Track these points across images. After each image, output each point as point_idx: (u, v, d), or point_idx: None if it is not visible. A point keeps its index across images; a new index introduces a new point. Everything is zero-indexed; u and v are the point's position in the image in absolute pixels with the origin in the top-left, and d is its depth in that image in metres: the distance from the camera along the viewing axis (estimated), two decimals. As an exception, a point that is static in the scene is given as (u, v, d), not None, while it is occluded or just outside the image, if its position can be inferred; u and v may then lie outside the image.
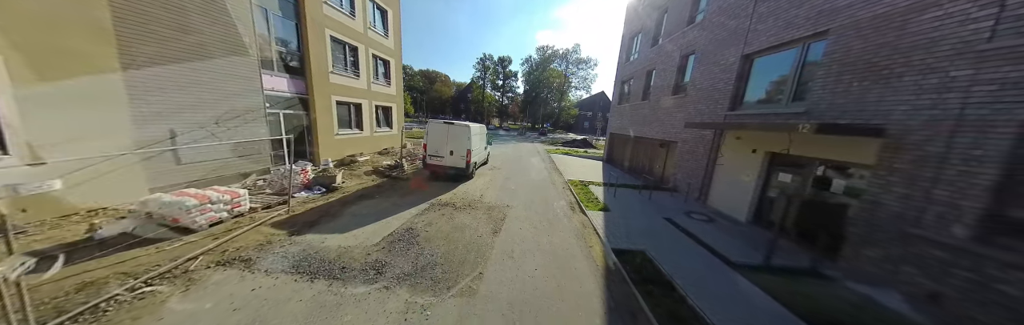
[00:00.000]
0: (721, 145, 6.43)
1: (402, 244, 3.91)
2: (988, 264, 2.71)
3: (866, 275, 3.52)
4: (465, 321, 2.56)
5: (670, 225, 5.25)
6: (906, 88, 3.40)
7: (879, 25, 3.72)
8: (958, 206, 2.93)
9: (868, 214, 3.58)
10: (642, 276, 3.39)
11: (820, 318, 2.80)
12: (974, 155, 2.88)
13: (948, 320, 2.81)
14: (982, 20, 2.91)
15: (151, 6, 4.72)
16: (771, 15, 5.38)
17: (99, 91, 4.27)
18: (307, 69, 8.10)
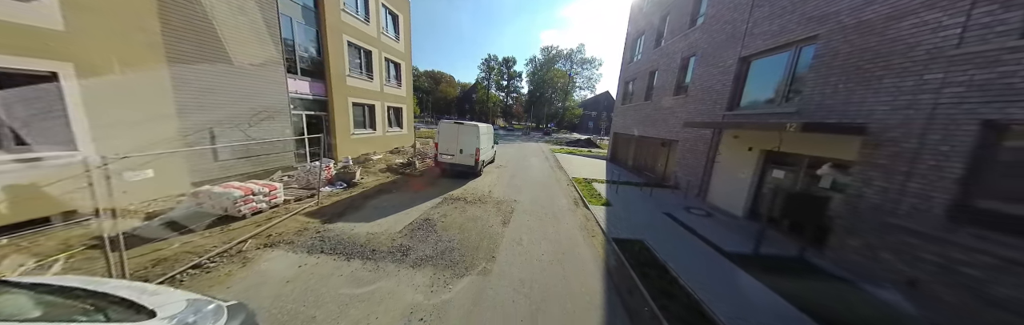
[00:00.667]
0: (719, 144, 6.71)
1: (422, 232, 4.33)
2: (954, 249, 2.99)
3: (847, 260, 3.81)
4: (482, 294, 2.96)
5: (669, 219, 5.58)
6: (886, 89, 3.69)
7: (863, 31, 4.00)
8: (929, 197, 3.22)
9: (851, 206, 3.87)
10: (639, 261, 3.74)
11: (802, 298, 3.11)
12: (942, 151, 3.17)
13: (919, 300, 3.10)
14: (951, 28, 3.19)
15: (193, 18, 5.24)
16: (766, 20, 5.67)
17: (152, 94, 4.79)
18: (326, 72, 8.62)
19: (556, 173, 10.31)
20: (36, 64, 3.74)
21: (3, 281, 1.30)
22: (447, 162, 8.17)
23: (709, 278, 3.42)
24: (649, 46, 11.52)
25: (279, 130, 7.03)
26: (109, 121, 4.27)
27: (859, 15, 4.06)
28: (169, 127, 5.03)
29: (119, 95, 4.39)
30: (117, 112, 4.37)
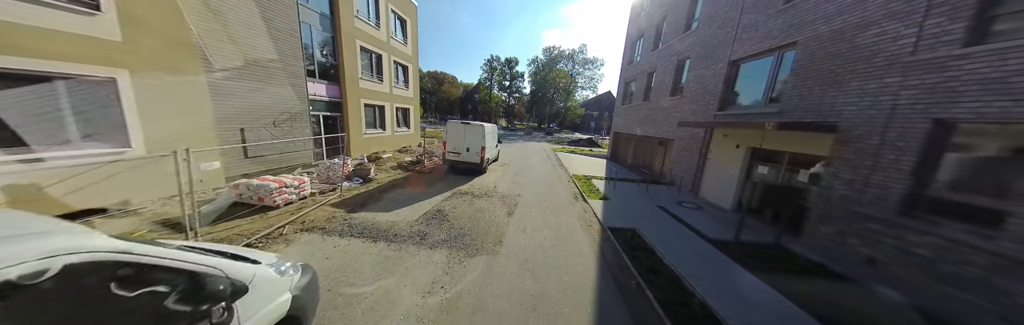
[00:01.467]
0: (710, 142, 7.12)
1: (436, 221, 4.80)
2: (909, 233, 3.40)
3: (818, 244, 4.22)
4: (492, 269, 3.42)
5: (662, 211, 6.00)
6: (853, 91, 4.10)
7: (835, 38, 4.41)
8: (888, 187, 3.63)
9: (824, 197, 4.28)
10: (630, 246, 4.18)
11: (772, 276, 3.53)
12: (899, 146, 3.57)
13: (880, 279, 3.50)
14: (907, 37, 3.60)
15: (227, 28, 5.77)
16: (752, 26, 6.07)
17: (191, 98, 5.31)
18: (341, 76, 9.14)
19: (557, 171, 10.75)
20: (99, 71, 4.27)
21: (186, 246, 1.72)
22: (455, 160, 8.65)
23: (691, 259, 3.86)
24: (648, 48, 11.92)
25: (300, 130, 7.55)
26: (156, 122, 4.80)
27: (831, 24, 4.47)
28: (206, 127, 5.56)
29: (164, 98, 4.92)
30: (162, 114, 4.89)
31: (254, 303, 1.58)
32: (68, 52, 3.96)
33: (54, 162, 3.89)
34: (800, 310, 2.91)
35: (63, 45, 3.91)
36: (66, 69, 3.97)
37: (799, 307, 2.95)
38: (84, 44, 4.08)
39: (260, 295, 1.64)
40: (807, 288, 3.31)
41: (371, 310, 2.62)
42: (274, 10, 6.70)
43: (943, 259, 3.12)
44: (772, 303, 3.03)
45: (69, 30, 3.96)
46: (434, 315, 2.61)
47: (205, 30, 5.41)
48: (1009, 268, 2.71)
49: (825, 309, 2.91)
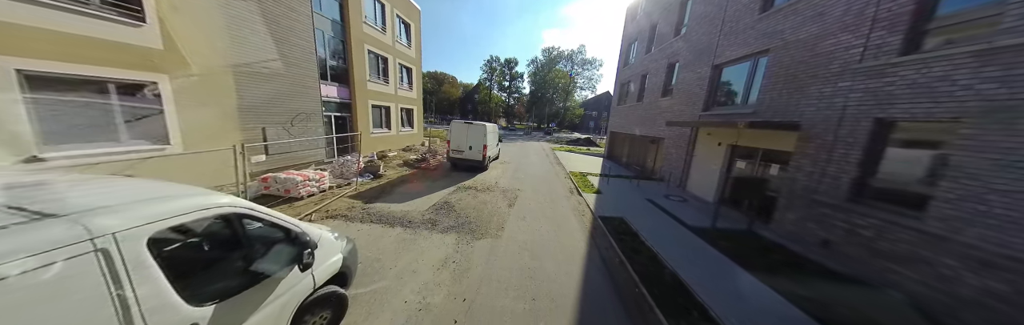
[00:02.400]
0: (696, 140, 7.66)
1: (444, 211, 5.33)
2: (855, 216, 3.93)
3: (786, 231, 4.76)
4: (496, 250, 3.94)
5: (650, 203, 6.53)
6: (813, 94, 4.63)
7: (800, 47, 4.95)
8: (839, 178, 4.16)
9: (789, 188, 4.82)
10: (617, 231, 4.71)
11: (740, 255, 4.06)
12: (849, 142, 4.11)
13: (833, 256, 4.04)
14: (856, 47, 4.14)
15: (253, 35, 6.29)
16: (732, 34, 6.61)
17: (220, 100, 5.83)
18: (350, 78, 9.67)
19: (555, 168, 11.29)
20: (145, 76, 4.79)
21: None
22: (458, 157, 9.18)
23: (670, 242, 4.39)
24: (641, 51, 12.47)
25: (313, 129, 8.08)
26: (191, 121, 5.32)
27: (797, 34, 5.01)
28: (233, 126, 6.08)
29: (197, 100, 5.44)
30: (196, 114, 5.41)
31: (321, 256, 2.11)
32: (120, 59, 4.48)
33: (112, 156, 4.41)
34: (754, 278, 3.44)
35: (116, 53, 4.44)
36: (119, 75, 4.50)
37: (753, 276, 3.48)
38: (131, 52, 4.60)
39: (324, 251, 2.17)
40: (764, 262, 3.85)
41: (397, 277, 3.14)
42: (292, 18, 7.23)
43: (881, 237, 3.66)
44: (732, 273, 3.56)
45: (121, 40, 4.48)
46: (450, 281, 3.14)
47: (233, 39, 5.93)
48: (931, 243, 3.24)
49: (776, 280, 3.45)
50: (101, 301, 1.06)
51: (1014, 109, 2.79)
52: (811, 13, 4.80)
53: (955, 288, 3.00)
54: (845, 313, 2.94)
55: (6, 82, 3.63)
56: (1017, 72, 2.79)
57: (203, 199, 1.52)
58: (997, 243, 2.77)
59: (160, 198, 1.39)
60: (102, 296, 1.06)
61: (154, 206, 1.30)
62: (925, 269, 3.24)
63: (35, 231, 0.98)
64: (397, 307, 2.70)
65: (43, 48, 3.84)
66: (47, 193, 1.30)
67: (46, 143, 3.96)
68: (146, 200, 1.32)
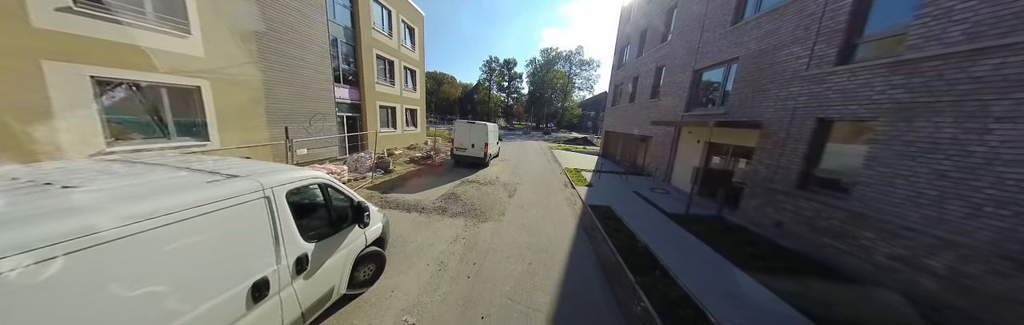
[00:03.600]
0: (679, 138, 8.39)
1: (452, 200, 6.03)
2: (801, 201, 4.65)
3: (750, 216, 5.48)
4: (498, 229, 4.64)
5: (635, 195, 7.25)
6: (772, 97, 5.36)
7: (761, 56, 5.68)
8: (790, 169, 4.89)
9: (752, 179, 5.54)
10: (603, 216, 5.42)
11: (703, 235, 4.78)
12: (798, 138, 4.83)
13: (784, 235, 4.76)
14: (804, 57, 4.87)
15: (277, 43, 6.97)
16: (710, 43, 7.34)
17: (251, 102, 6.50)
18: (361, 81, 10.34)
19: (552, 165, 12.00)
20: (191, 81, 5.46)
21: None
22: (461, 155, 9.87)
23: (647, 224, 5.10)
24: (633, 55, 13.19)
25: (329, 128, 8.75)
26: (227, 120, 5.99)
27: (760, 45, 5.74)
28: (262, 125, 6.75)
29: (232, 102, 6.10)
30: (231, 114, 6.08)
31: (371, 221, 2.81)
32: (172, 67, 5.15)
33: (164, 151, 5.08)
34: (720, 256, 4.16)
35: (171, 62, 5.10)
36: (169, 80, 5.17)
37: (715, 250, 4.20)
38: (179, 60, 5.27)
39: (372, 218, 2.86)
40: (725, 240, 4.57)
41: (418, 249, 3.84)
42: (310, 26, 7.90)
43: (819, 217, 4.38)
44: (696, 248, 4.27)
45: (171, 49, 5.15)
46: (462, 251, 3.84)
47: (262, 48, 6.60)
48: (854, 219, 3.96)
49: (735, 252, 4.16)
50: (266, 226, 1.75)
51: (913, 110, 3.51)
52: (770, 27, 5.53)
53: (872, 256, 3.72)
54: (760, 265, 3.66)
55: (82, 87, 4.29)
56: (916, 80, 3.51)
57: (311, 172, 2.23)
58: (900, 217, 3.49)
59: (286, 169, 2.08)
60: (266, 223, 1.75)
61: (287, 173, 2.00)
62: (850, 241, 3.96)
63: (234, 183, 1.67)
64: (421, 268, 3.40)
65: (108, 57, 4.50)
66: (223, 165, 2.01)
67: (112, 138, 4.62)
68: (280, 170, 2.02)
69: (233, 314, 1.55)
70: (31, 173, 1.57)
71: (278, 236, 1.81)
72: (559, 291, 3.12)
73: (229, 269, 1.55)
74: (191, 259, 1.40)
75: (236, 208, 1.59)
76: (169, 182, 1.56)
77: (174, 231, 1.32)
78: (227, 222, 1.54)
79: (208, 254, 1.46)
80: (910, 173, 3.45)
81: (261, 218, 1.73)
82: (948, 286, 3.02)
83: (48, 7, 3.94)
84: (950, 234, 3.06)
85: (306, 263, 2.02)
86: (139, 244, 1.20)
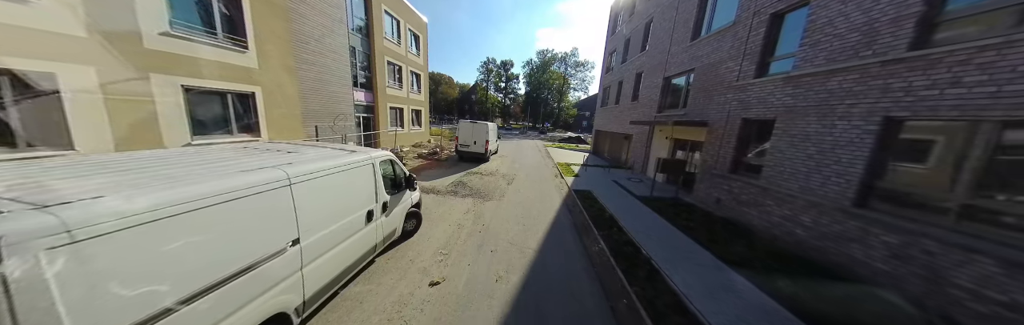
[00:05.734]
0: (653, 136, 9.79)
1: (460, 186, 7.34)
2: (735, 184, 6.05)
3: (699, 197, 6.88)
4: (500, 206, 5.97)
5: (613, 183, 8.63)
6: (715, 101, 6.76)
7: (709, 68, 7.08)
8: (726, 157, 6.29)
9: (701, 167, 6.94)
10: (584, 197, 6.77)
11: (660, 211, 6.15)
12: (730, 134, 6.23)
13: (721, 209, 6.15)
14: (735, 71, 6.27)
15: (309, 54, 8.20)
16: (676, 55, 8.75)
17: (291, 104, 7.74)
18: (374, 85, 11.58)
19: (545, 160, 13.36)
20: (248, 88, 6.69)
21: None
22: (464, 150, 11.18)
23: (618, 203, 6.47)
24: (619, 61, 14.61)
25: (349, 127, 9.99)
26: (274, 120, 7.23)
27: (708, 59, 7.14)
28: (298, 125, 7.99)
29: (278, 105, 7.33)
30: (277, 115, 7.31)
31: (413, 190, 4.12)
32: (235, 76, 6.38)
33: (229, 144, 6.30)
34: (664, 221, 5.53)
35: (234, 72, 6.33)
36: (235, 87, 6.40)
37: (664, 219, 5.57)
38: (240, 71, 6.50)
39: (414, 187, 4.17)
40: (672, 212, 5.95)
41: (440, 216, 5.15)
42: (333, 39, 9.14)
43: (742, 193, 5.77)
44: (648, 216, 5.64)
45: (233, 62, 6.37)
46: (472, 219, 5.16)
47: (298, 58, 7.83)
48: (762, 192, 5.35)
49: (676, 219, 5.54)
50: (371, 180, 3.06)
51: (795, 111, 4.90)
52: (716, 46, 6.93)
53: (771, 217, 5.11)
54: (688, 225, 5.04)
55: (175, 94, 5.51)
56: (797, 90, 4.90)
57: (387, 152, 3.54)
58: (787, 189, 4.88)
59: (377, 150, 3.40)
60: (371, 179, 3.06)
61: (379, 152, 3.31)
62: (759, 208, 5.36)
63: (356, 155, 2.96)
64: (445, 227, 4.71)
65: (192, 69, 5.72)
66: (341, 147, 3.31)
67: (194, 134, 5.85)
68: (374, 150, 3.33)
69: (359, 225, 2.85)
70: (268, 146, 2.90)
71: (376, 187, 3.12)
72: (544, 239, 4.46)
73: (358, 200, 2.87)
74: (350, 190, 2.72)
75: (359, 168, 2.90)
76: (330, 152, 2.86)
77: (341, 175, 2.62)
78: (357, 175, 2.85)
79: (354, 190, 2.78)
80: (792, 157, 4.84)
81: (369, 175, 3.04)
82: (812, 233, 4.41)
83: (154, 32, 5.16)
84: (814, 197, 4.45)
85: (387, 207, 3.33)
86: (330, 179, 2.49)
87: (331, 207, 2.47)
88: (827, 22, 4.49)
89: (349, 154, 2.91)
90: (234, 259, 1.65)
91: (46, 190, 1.25)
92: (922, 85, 3.38)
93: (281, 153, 2.61)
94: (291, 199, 2.01)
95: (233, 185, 1.64)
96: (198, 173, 1.70)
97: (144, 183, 1.44)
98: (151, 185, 1.42)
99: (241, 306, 1.69)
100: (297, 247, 2.08)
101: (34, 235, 0.99)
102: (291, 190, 2.02)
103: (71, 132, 4.26)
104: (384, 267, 3.40)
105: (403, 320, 2.57)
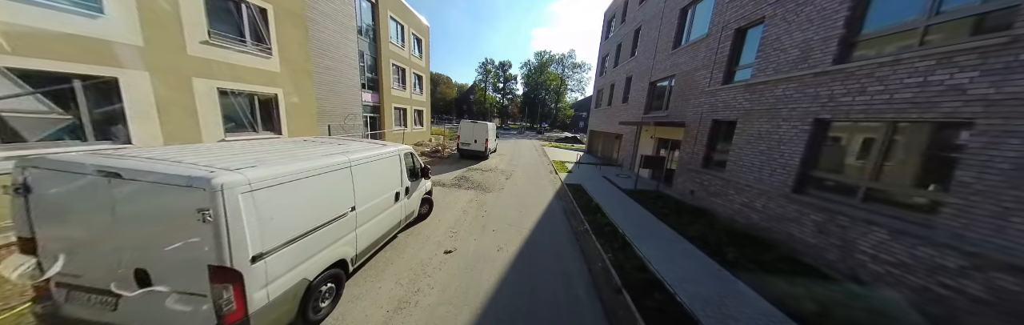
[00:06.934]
0: (640, 135, 10.64)
1: (463, 180, 8.10)
2: (705, 177, 6.89)
3: (677, 189, 7.72)
4: (499, 196, 6.75)
5: (603, 178, 9.45)
6: (691, 104, 7.60)
7: (687, 74, 7.92)
8: (699, 154, 7.12)
9: (679, 163, 7.78)
10: (574, 190, 7.57)
11: (642, 201, 6.96)
12: (703, 133, 7.07)
13: (694, 199, 6.98)
14: (706, 78, 7.11)
15: (325, 59, 8.91)
16: (660, 61, 9.60)
17: (309, 105, 8.44)
18: (380, 87, 12.29)
19: (542, 158, 14.16)
20: (271, 90, 7.39)
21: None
22: (466, 149, 11.95)
23: (604, 194, 7.27)
24: (611, 65, 15.46)
25: (357, 127, 10.70)
26: (293, 120, 7.93)
27: (686, 67, 7.98)
28: (314, 123, 8.70)
29: (297, 106, 8.04)
30: (296, 114, 8.02)
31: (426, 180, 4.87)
32: (260, 79, 7.08)
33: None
34: (643, 208, 6.33)
35: (260, 76, 7.03)
36: (261, 90, 7.10)
37: (643, 207, 6.38)
38: (265, 75, 7.20)
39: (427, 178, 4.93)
40: (650, 202, 6.77)
41: (447, 205, 5.91)
42: (346, 45, 9.85)
43: (711, 185, 6.61)
44: (629, 205, 6.45)
45: (260, 67, 7.07)
46: (476, 206, 5.93)
47: (315, 64, 8.54)
48: (725, 183, 6.17)
49: (653, 207, 6.35)
50: (398, 168, 3.83)
51: (751, 114, 5.74)
52: (693, 54, 7.77)
53: (733, 204, 5.93)
54: (663, 212, 5.86)
55: (211, 95, 6.20)
56: (753, 96, 5.73)
57: (407, 146, 4.30)
58: (744, 180, 5.71)
59: (398, 144, 4.15)
60: (397, 167, 3.82)
61: (403, 146, 4.07)
62: (724, 197, 6.19)
63: (386, 148, 3.72)
64: (452, 213, 5.47)
65: (226, 73, 6.41)
66: (370, 141, 4.06)
67: (227, 132, 6.54)
68: (396, 144, 4.09)
69: (390, 202, 3.61)
70: (321, 140, 3.64)
71: (401, 174, 3.88)
72: (537, 222, 5.24)
73: (390, 183, 3.63)
74: (385, 174, 3.49)
75: (391, 158, 3.65)
76: (369, 145, 3.61)
77: (380, 162, 3.37)
78: (389, 163, 3.61)
79: (387, 174, 3.54)
80: (748, 153, 5.68)
81: (396, 164, 3.80)
82: (762, 216, 5.23)
83: (195, 41, 5.86)
84: (764, 187, 5.28)
85: (408, 191, 4.09)
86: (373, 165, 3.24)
87: (374, 186, 3.22)
88: (776, 39, 5.34)
89: (382, 146, 3.66)
90: (322, 215, 2.41)
91: (222, 162, 2.00)
92: (840, 93, 4.22)
93: (334, 145, 3.36)
94: (351, 177, 2.77)
95: (324, 164, 2.41)
96: (291, 156, 2.45)
97: (269, 161, 2.19)
98: (274, 162, 2.17)
99: (324, 248, 2.45)
100: (354, 213, 2.83)
101: (235, 184, 1.74)
102: (351, 171, 2.78)
103: (130, 128, 4.96)
104: (406, 241, 4.16)
105: (426, 274, 3.33)
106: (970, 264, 2.82)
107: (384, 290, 2.97)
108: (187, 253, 1.66)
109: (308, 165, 2.28)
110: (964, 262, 2.86)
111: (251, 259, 1.79)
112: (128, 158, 1.87)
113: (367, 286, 3.03)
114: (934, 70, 3.30)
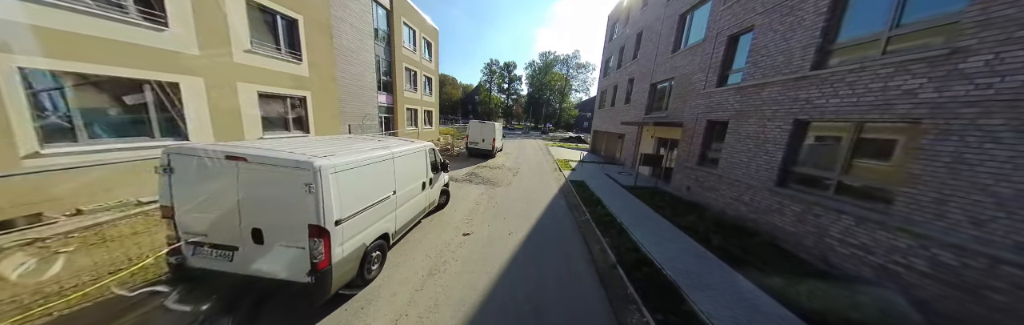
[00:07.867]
0: (641, 135, 11.13)
1: (473, 176, 8.72)
2: (700, 173, 7.37)
3: (674, 185, 8.21)
4: (508, 190, 7.34)
5: (605, 175, 9.97)
6: (688, 105, 8.09)
7: (685, 77, 8.42)
8: (695, 153, 7.61)
9: (677, 161, 8.27)
10: (578, 186, 8.12)
11: (640, 197, 7.48)
12: (699, 133, 7.56)
13: (690, 195, 7.48)
14: (702, 80, 7.60)
15: (346, 65, 9.63)
16: (661, 64, 10.10)
17: (332, 106, 9.16)
18: (394, 89, 13.01)
19: (546, 157, 14.72)
20: (301, 93, 8.11)
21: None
22: (474, 147, 12.58)
23: (605, 190, 7.81)
24: (614, 66, 15.95)
25: (374, 127, 11.42)
26: (320, 120, 8.65)
27: (684, 69, 8.48)
28: (337, 124, 9.42)
29: (323, 107, 8.75)
30: (322, 116, 8.73)
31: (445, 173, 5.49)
32: (293, 84, 7.81)
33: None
34: (640, 202, 6.86)
35: (290, 80, 7.76)
36: (292, 93, 7.82)
37: (641, 201, 6.90)
38: (296, 80, 7.92)
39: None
40: (648, 197, 7.29)
41: (461, 197, 6.52)
42: (364, 50, 10.56)
43: (706, 181, 7.09)
44: (629, 199, 6.98)
45: (292, 72, 7.79)
46: (487, 199, 6.53)
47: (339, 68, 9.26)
48: (718, 179, 6.66)
49: (651, 201, 6.87)
50: (425, 161, 4.45)
51: (741, 114, 6.22)
52: (691, 58, 8.26)
53: (723, 197, 6.42)
54: (659, 205, 6.37)
55: (252, 98, 6.93)
56: (743, 98, 6.22)
57: (430, 143, 4.92)
58: (735, 175, 6.20)
59: (423, 141, 4.78)
60: (424, 160, 4.44)
61: (425, 143, 4.70)
62: (717, 191, 6.68)
63: (415, 144, 4.34)
64: (465, 204, 6.08)
65: (264, 78, 7.13)
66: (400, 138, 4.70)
67: (264, 130, 7.26)
68: (422, 141, 4.72)
69: (418, 190, 4.23)
70: (363, 137, 4.29)
71: (427, 167, 4.50)
72: (543, 212, 5.82)
73: (419, 174, 4.24)
74: (416, 166, 4.11)
75: (419, 153, 4.27)
76: (402, 141, 4.24)
77: (412, 156, 3.99)
78: (418, 157, 4.23)
79: (417, 166, 4.17)
80: (738, 150, 6.16)
81: (423, 158, 4.42)
82: (749, 208, 5.73)
83: (240, 50, 6.58)
84: (751, 181, 5.77)
85: (430, 182, 4.71)
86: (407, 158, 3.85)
87: (408, 175, 3.85)
88: (763, 45, 5.83)
89: (412, 142, 4.28)
90: (375, 195, 3.04)
91: (311, 152, 2.63)
92: (816, 96, 4.71)
93: (375, 141, 3.99)
94: (393, 166, 3.39)
95: (376, 155, 3.04)
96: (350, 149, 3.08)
97: (336, 151, 2.82)
98: (343, 153, 2.80)
99: (375, 222, 3.07)
100: (395, 195, 3.46)
101: (328, 167, 2.36)
102: (393, 162, 3.40)
103: (187, 127, 5.68)
104: (428, 226, 4.77)
105: (450, 250, 3.94)
106: (917, 244, 3.31)
107: (417, 261, 3.59)
108: (293, 217, 2.29)
109: (366, 156, 2.91)
110: (913, 242, 3.35)
111: (335, 222, 2.41)
112: (245, 148, 2.51)
113: (403, 257, 3.65)
114: (893, 76, 3.79)
